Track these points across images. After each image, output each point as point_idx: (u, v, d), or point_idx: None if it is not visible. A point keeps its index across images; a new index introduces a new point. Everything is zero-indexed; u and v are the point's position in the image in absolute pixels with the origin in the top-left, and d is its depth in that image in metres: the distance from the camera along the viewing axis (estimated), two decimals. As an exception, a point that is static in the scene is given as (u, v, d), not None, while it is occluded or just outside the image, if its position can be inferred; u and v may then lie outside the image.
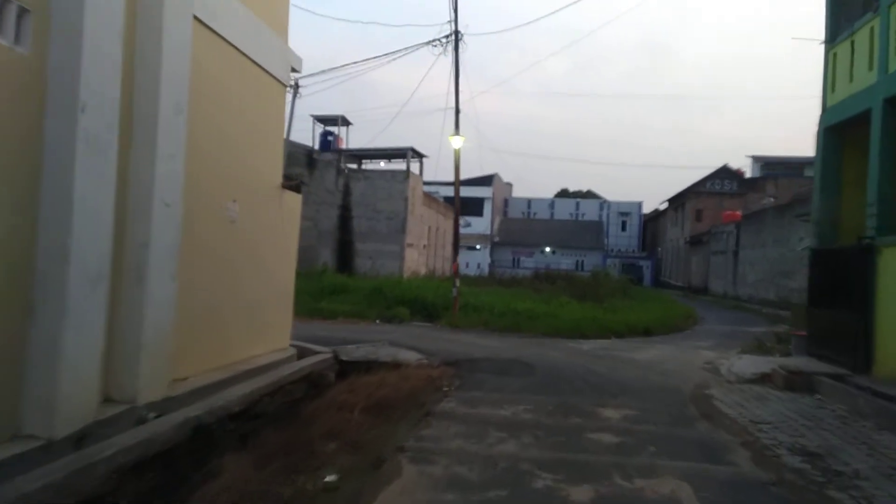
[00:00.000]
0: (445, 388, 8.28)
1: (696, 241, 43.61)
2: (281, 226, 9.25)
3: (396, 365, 9.68)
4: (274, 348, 9.02)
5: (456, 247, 18.00)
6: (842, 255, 10.14)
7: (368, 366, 9.72)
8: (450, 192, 59.15)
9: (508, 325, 15.70)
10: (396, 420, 6.47)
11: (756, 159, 53.16)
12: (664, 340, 15.70)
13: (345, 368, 9.78)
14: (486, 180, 62.02)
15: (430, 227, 38.09)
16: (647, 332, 16.78)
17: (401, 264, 31.50)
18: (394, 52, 17.41)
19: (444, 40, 18.30)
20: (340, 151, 33.55)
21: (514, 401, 7.61)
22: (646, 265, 57.47)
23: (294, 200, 9.85)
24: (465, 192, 60.60)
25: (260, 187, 8.58)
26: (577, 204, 69.90)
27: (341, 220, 32.27)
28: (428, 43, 18.64)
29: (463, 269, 52.00)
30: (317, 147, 33.84)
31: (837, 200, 11.15)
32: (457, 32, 18.13)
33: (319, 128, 34.83)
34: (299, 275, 24.29)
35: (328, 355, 9.50)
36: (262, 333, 8.71)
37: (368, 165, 36.47)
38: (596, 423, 6.71)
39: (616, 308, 20.99)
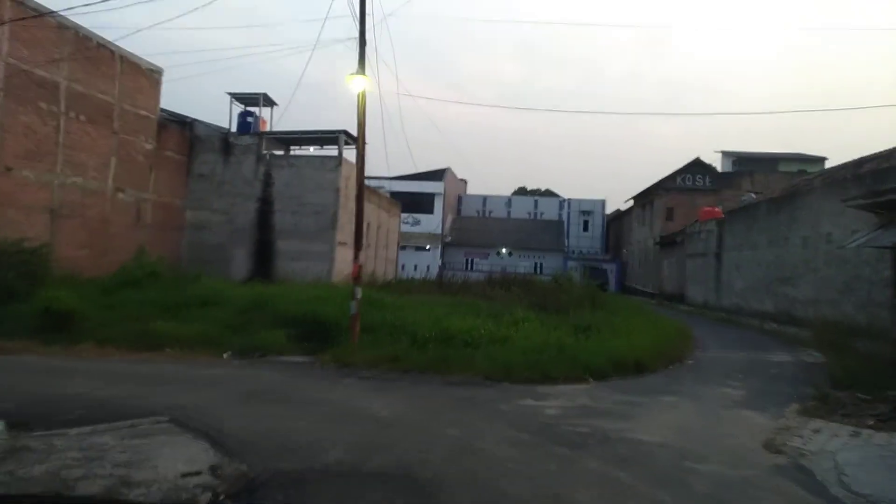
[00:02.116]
0: None
1: (668, 242, 38.80)
2: None
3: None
4: None
5: (358, 238, 12.18)
6: None
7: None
8: (398, 186, 53.63)
9: (431, 362, 10.01)
10: None
11: (726, 155, 49.12)
12: (669, 383, 10.25)
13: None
14: (436, 175, 56.42)
15: (369, 224, 32.44)
16: (638, 368, 11.36)
17: (330, 267, 25.78)
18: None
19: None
20: (261, 134, 27.58)
21: None
22: (610, 269, 52.62)
23: None
24: (415, 186, 55.22)
25: None
26: (536, 202, 64.78)
27: (261, 214, 26.48)
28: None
29: (410, 272, 46.57)
30: (234, 130, 27.90)
31: None
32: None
33: (238, 108, 28.82)
34: (160, 280, 18.40)
35: None
36: None
37: (298, 152, 30.67)
38: None
39: (587, 324, 15.56)
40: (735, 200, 34.59)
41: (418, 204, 53.16)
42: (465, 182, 67.29)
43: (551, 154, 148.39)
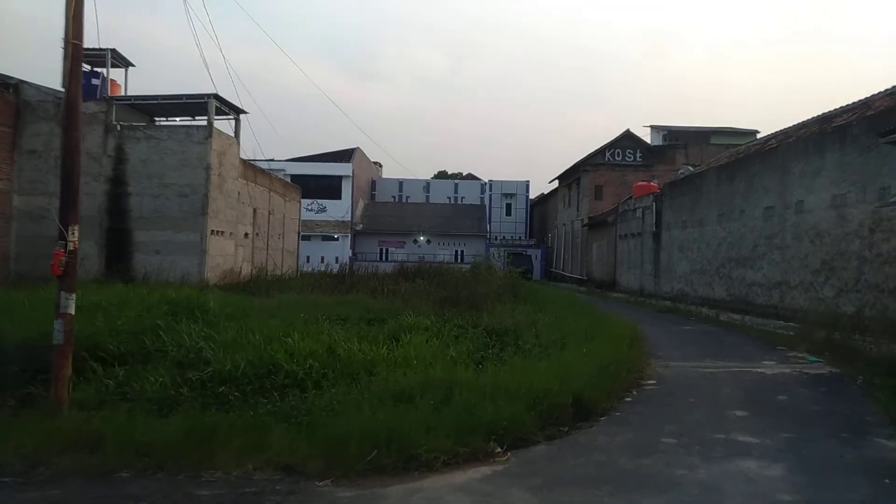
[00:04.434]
0: None
1: (597, 223, 35.04)
2: None
3: None
4: None
5: (69, 212, 6.81)
6: None
7: None
8: (299, 169, 47.29)
9: (180, 443, 4.97)
10: None
11: (656, 129, 46.12)
12: (637, 449, 5.58)
13: None
14: (344, 155, 50.81)
15: (256, 210, 26.87)
16: (578, 409, 6.72)
17: (202, 261, 20.32)
18: None
19: None
20: (110, 100, 21.52)
21: None
22: (535, 254, 48.91)
23: None
24: (319, 169, 49.15)
25: None
26: (456, 186, 60.39)
27: (112, 198, 20.72)
28: None
29: (316, 265, 40.67)
30: (75, 94, 21.32)
31: None
32: None
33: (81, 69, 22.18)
34: None
35: None
36: None
37: (165, 124, 24.60)
38: None
39: (505, 326, 10.93)
40: (670, 175, 31.18)
41: (324, 188, 47.40)
42: (379, 165, 61.93)
43: (474, 138, 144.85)
